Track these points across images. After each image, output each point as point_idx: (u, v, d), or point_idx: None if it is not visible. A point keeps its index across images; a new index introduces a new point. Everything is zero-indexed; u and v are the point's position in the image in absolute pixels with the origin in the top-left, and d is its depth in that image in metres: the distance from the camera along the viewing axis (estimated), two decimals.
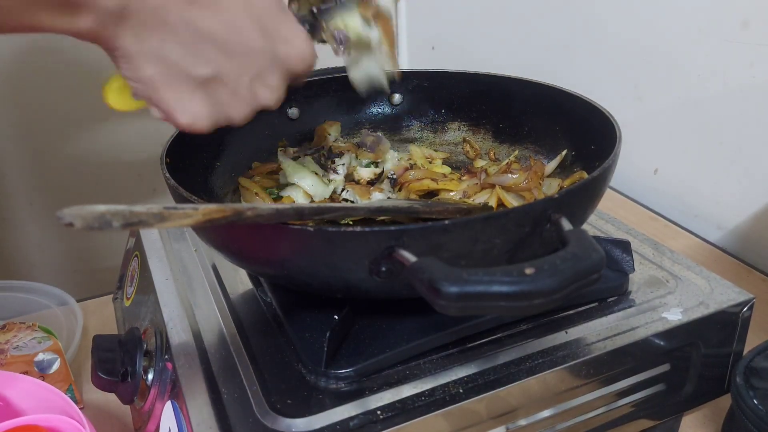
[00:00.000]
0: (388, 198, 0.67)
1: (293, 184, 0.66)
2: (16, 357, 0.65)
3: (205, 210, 0.38)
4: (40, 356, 0.65)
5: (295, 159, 0.68)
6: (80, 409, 0.49)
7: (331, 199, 0.67)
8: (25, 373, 0.59)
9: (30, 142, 1.12)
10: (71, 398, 0.51)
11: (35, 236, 1.17)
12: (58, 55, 1.07)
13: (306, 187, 0.65)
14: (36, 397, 0.52)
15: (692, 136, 0.87)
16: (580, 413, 0.50)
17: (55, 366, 0.65)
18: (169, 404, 0.49)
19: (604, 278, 0.53)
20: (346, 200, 0.68)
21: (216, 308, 0.55)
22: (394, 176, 0.69)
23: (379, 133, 0.74)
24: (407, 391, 0.45)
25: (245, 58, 0.46)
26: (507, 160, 0.70)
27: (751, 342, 0.54)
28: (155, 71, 0.44)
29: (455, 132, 0.77)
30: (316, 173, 0.67)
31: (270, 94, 0.50)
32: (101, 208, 0.33)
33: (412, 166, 0.70)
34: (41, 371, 0.64)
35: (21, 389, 0.53)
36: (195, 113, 0.46)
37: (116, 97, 0.51)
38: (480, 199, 0.63)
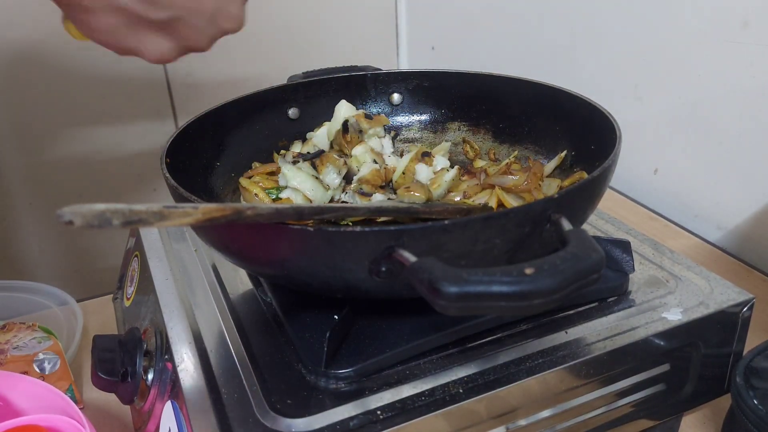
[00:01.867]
0: (389, 199, 0.66)
1: (293, 186, 0.66)
2: (16, 357, 0.65)
3: (205, 209, 0.38)
4: (40, 356, 0.65)
5: (294, 163, 0.68)
6: (80, 409, 0.49)
7: (331, 200, 0.67)
8: (25, 373, 0.59)
9: (30, 142, 1.12)
10: (71, 398, 0.51)
11: (35, 236, 1.18)
12: (58, 55, 1.07)
13: (306, 191, 0.65)
14: (36, 397, 0.52)
15: (692, 136, 0.87)
16: (580, 413, 0.50)
17: (55, 366, 0.65)
18: (169, 404, 0.49)
19: (604, 278, 0.54)
20: (345, 202, 0.68)
21: (216, 308, 0.55)
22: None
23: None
24: (407, 391, 0.45)
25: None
26: (507, 161, 0.70)
27: (751, 342, 0.54)
28: (115, 20, 0.45)
29: (455, 132, 0.77)
30: (316, 177, 0.67)
31: (232, 23, 0.51)
32: (101, 206, 0.32)
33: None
34: (41, 371, 0.64)
35: (21, 389, 0.53)
36: (162, 51, 0.49)
37: (78, 31, 0.51)
38: (480, 199, 0.63)
